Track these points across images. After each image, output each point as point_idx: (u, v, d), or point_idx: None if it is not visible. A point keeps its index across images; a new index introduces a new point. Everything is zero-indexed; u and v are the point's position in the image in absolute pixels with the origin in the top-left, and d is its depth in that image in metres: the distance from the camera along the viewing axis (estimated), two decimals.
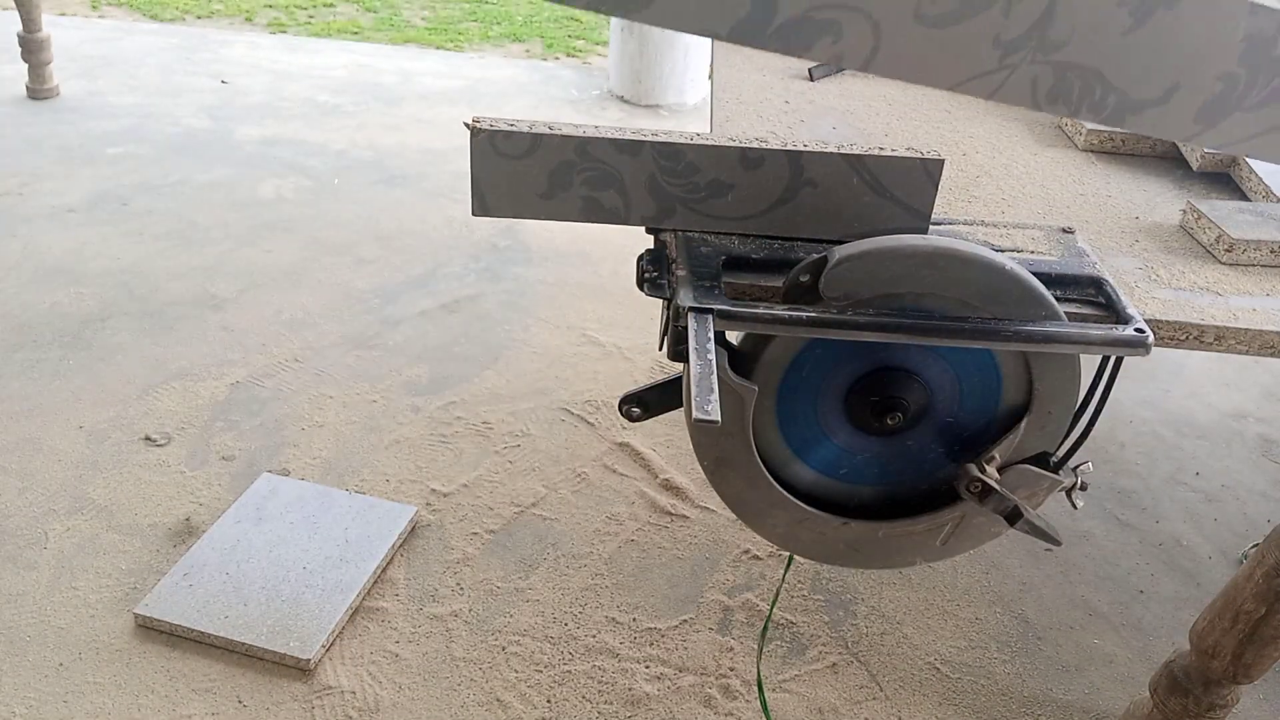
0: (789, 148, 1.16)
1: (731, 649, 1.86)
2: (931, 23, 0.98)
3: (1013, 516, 1.24)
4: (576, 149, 1.15)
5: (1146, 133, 1.05)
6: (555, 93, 4.97)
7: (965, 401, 1.23)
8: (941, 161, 1.16)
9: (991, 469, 1.23)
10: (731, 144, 1.16)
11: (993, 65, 1.01)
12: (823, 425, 1.25)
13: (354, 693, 1.72)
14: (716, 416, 0.98)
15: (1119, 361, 1.23)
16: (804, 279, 1.12)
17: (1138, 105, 1.03)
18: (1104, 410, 1.26)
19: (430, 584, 1.95)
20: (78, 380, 2.46)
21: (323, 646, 1.77)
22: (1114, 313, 1.16)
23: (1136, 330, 1.12)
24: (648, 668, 1.81)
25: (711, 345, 1.05)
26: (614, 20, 4.99)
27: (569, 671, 1.79)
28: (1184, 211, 1.48)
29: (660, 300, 1.20)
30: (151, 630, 1.79)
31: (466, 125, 1.15)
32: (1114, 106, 1.03)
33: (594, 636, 1.87)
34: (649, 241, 1.27)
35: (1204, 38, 0.99)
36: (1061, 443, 1.27)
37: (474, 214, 1.18)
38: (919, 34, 0.99)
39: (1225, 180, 1.64)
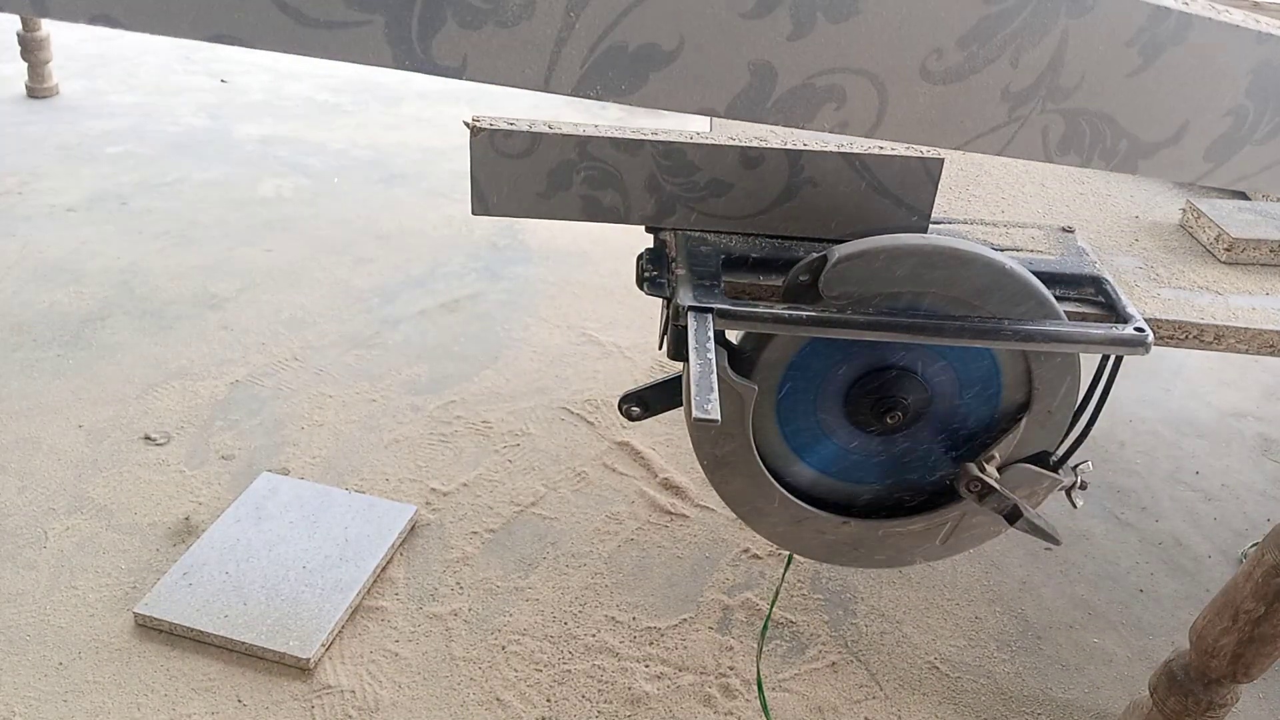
0: (788, 146, 1.16)
1: (731, 648, 1.86)
2: (939, 79, 0.95)
3: (1012, 516, 1.24)
4: (576, 148, 1.15)
5: (1157, 176, 1.04)
6: None
7: (965, 401, 1.23)
8: (941, 160, 1.16)
9: (991, 468, 1.23)
10: (731, 143, 1.16)
11: (1002, 119, 0.99)
12: (822, 424, 1.25)
13: (354, 692, 1.72)
14: (716, 416, 0.98)
15: (1119, 360, 1.23)
16: (804, 278, 1.12)
17: (1149, 149, 1.01)
18: (1104, 409, 1.27)
19: (430, 583, 1.95)
20: (77, 379, 2.46)
21: (322, 646, 1.77)
22: (1114, 312, 1.16)
23: (1136, 329, 1.12)
24: (647, 667, 1.81)
25: (711, 344, 1.05)
26: None
27: (569, 671, 1.79)
28: (1184, 210, 1.48)
29: (660, 299, 1.21)
30: (151, 629, 1.79)
31: (466, 124, 1.15)
32: (1125, 152, 1.01)
33: (594, 636, 1.87)
34: (649, 240, 1.27)
35: (1212, 72, 0.97)
36: (1061, 442, 1.27)
37: (474, 213, 1.18)
38: (926, 93, 0.96)
39: None
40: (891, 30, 0.92)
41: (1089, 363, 1.24)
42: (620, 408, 1.30)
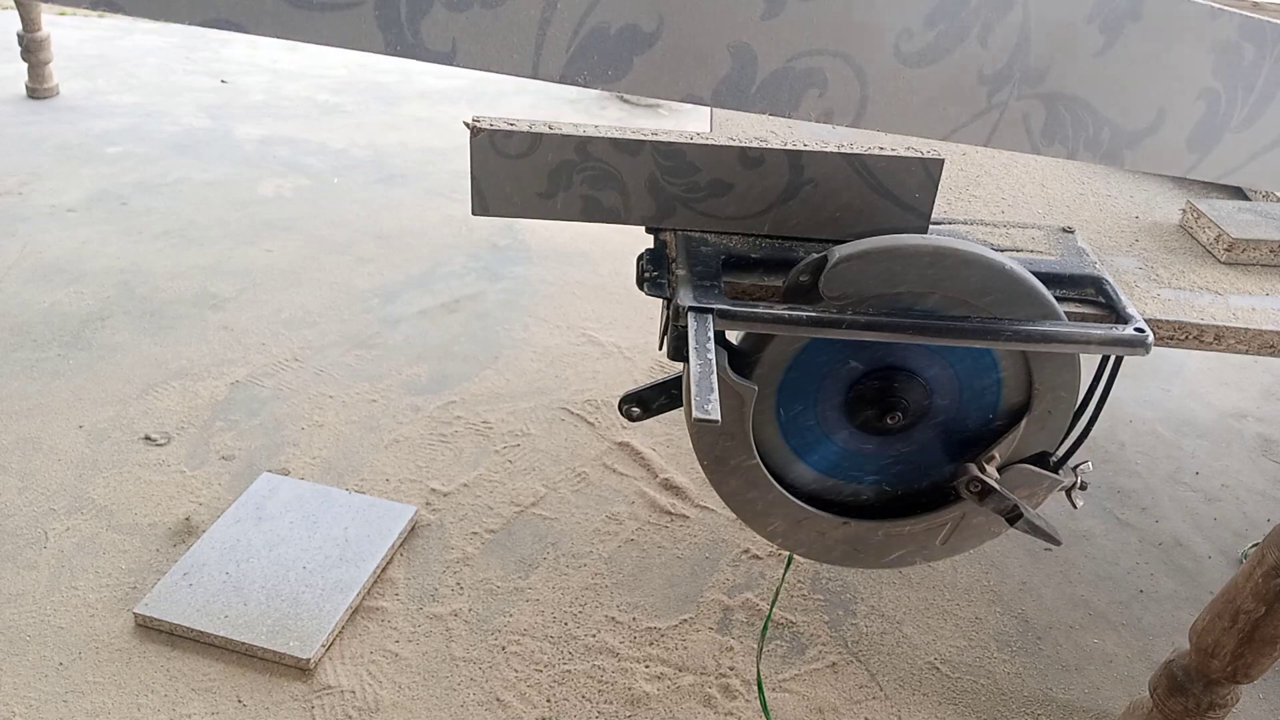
0: (789, 147, 1.16)
1: (731, 648, 1.86)
2: (914, 61, 0.97)
3: (1012, 516, 1.24)
4: (576, 148, 1.15)
5: (1145, 168, 1.05)
6: (555, 91, 4.97)
7: (965, 401, 1.23)
8: (941, 161, 1.16)
9: (991, 469, 1.23)
10: (731, 143, 1.16)
11: (983, 104, 1.00)
12: (823, 425, 1.25)
13: (354, 692, 1.72)
14: (716, 416, 0.98)
15: (1119, 361, 1.23)
16: (804, 278, 1.12)
17: (1132, 137, 1.02)
18: (1104, 410, 1.27)
19: (430, 583, 1.95)
20: (77, 380, 2.46)
21: (322, 646, 1.77)
22: (1114, 312, 1.16)
23: (1136, 330, 1.12)
24: (647, 667, 1.81)
25: (711, 345, 1.05)
26: None
27: (569, 671, 1.79)
28: (1183, 211, 1.48)
29: (660, 300, 1.21)
30: (151, 630, 1.79)
31: (466, 125, 1.15)
32: (1109, 141, 1.02)
33: (594, 636, 1.87)
34: (649, 241, 1.27)
35: (1174, 50, 0.99)
36: (1061, 442, 1.27)
37: (474, 213, 1.18)
38: (904, 75, 0.98)
39: None
40: (860, 7, 0.93)
41: (1089, 363, 1.24)
42: (620, 408, 1.30)
